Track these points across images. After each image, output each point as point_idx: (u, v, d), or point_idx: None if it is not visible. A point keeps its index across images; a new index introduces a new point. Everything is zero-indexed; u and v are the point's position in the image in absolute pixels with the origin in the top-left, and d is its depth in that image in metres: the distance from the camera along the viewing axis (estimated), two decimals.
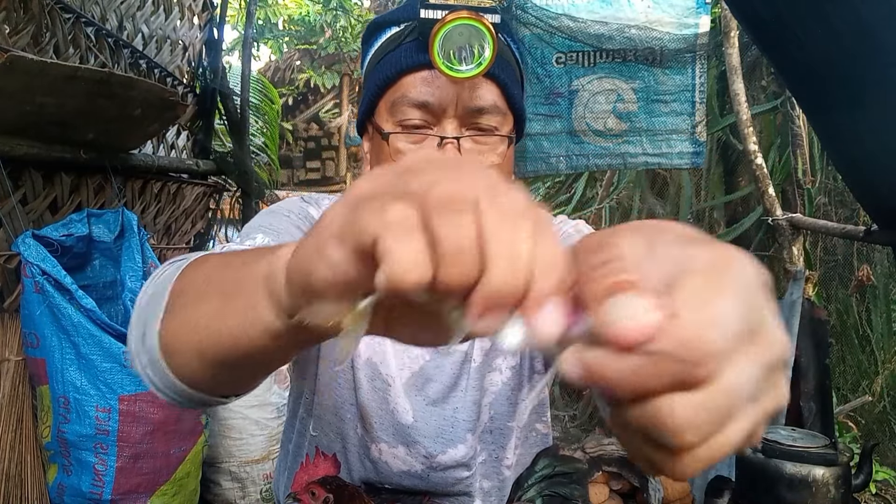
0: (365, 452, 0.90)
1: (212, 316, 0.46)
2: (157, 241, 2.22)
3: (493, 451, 0.93)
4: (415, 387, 0.89)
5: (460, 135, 0.79)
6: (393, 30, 0.83)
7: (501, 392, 0.92)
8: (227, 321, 0.44)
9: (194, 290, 0.50)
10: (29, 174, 1.63)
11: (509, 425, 0.93)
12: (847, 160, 1.51)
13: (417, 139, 0.79)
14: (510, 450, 0.94)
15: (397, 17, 0.83)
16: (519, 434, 0.95)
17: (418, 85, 0.78)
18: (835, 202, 3.13)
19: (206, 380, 0.51)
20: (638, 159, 2.65)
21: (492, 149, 0.81)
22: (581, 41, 2.52)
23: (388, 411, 0.88)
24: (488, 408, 0.92)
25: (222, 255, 0.52)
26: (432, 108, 0.78)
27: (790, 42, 1.24)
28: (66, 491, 1.61)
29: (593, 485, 1.94)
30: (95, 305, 1.56)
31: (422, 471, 0.89)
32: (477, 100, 0.78)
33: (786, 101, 2.67)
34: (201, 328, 0.47)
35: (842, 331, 3.17)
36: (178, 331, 0.49)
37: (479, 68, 0.74)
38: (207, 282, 0.50)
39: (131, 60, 2.10)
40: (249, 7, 3.04)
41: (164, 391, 0.54)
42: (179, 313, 0.50)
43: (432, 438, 0.89)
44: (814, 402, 2.34)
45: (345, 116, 9.10)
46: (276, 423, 2.26)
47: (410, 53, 0.78)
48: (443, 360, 0.90)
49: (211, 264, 0.52)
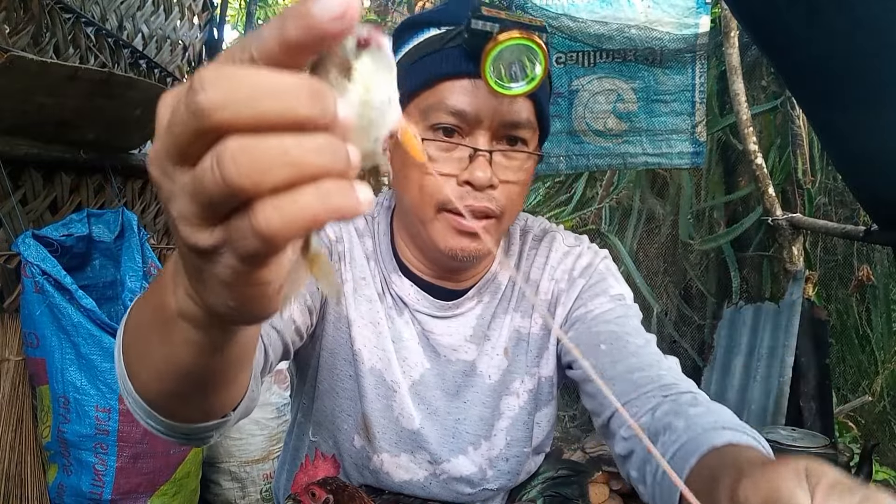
0: (365, 463, 0.89)
1: (153, 354, 0.47)
2: (157, 241, 2.22)
3: (509, 479, 0.92)
4: (417, 395, 0.88)
5: (492, 148, 0.78)
6: (432, 31, 0.81)
7: (518, 417, 0.91)
8: (164, 353, 0.45)
9: (129, 332, 0.52)
10: (29, 174, 1.63)
11: (525, 451, 0.92)
12: (847, 160, 1.51)
13: (449, 147, 0.78)
14: (523, 474, 0.94)
15: (438, 19, 0.81)
16: (533, 456, 0.95)
17: (457, 93, 0.77)
18: (835, 202, 3.12)
19: (184, 410, 0.53)
20: (638, 159, 2.66)
21: (520, 165, 0.81)
22: (581, 41, 2.52)
23: (392, 419, 0.87)
24: (504, 433, 0.90)
25: (142, 296, 0.53)
26: (468, 117, 0.77)
27: (790, 42, 1.24)
28: (66, 491, 1.61)
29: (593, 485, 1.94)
30: (95, 305, 1.56)
31: (424, 479, 0.89)
32: (514, 114, 0.78)
33: (786, 101, 2.67)
34: (147, 364, 0.49)
35: (842, 331, 3.16)
36: (140, 377, 0.51)
37: (530, 86, 0.73)
38: (137, 323, 0.51)
39: (131, 60, 2.10)
40: (249, 7, 3.05)
41: (164, 432, 0.56)
42: (133, 361, 0.52)
43: (437, 444, 0.89)
44: (814, 402, 2.34)
45: None
46: (276, 423, 2.26)
47: (454, 60, 0.77)
48: (443, 368, 0.89)
49: (135, 309, 0.52)
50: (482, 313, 0.90)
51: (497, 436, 0.90)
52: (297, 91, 0.24)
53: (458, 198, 0.77)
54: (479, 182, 0.76)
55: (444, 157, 0.78)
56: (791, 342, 2.34)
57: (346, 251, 0.88)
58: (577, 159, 2.67)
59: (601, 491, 2.06)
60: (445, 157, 0.78)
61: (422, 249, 0.87)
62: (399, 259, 0.89)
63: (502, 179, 0.79)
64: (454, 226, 0.78)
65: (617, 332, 0.80)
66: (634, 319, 0.84)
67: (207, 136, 0.25)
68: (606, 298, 0.86)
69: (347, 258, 0.88)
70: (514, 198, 0.81)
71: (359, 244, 0.89)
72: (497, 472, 0.91)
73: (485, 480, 0.90)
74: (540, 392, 0.92)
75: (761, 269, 3.20)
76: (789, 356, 2.33)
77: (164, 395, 0.50)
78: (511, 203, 0.80)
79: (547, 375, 0.92)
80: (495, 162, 0.79)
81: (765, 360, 2.44)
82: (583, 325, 0.84)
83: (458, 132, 0.79)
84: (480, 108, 0.76)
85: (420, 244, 0.86)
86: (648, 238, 3.64)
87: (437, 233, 0.79)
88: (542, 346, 0.91)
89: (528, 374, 0.91)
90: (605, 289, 0.87)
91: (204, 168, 0.25)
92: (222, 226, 0.27)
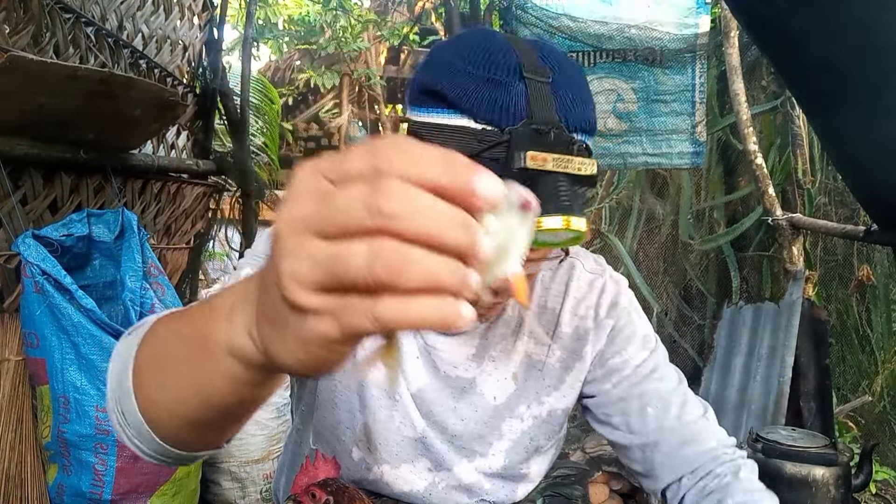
0: (364, 475, 0.89)
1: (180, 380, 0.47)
2: (157, 241, 2.22)
3: (507, 496, 0.92)
4: (418, 403, 0.88)
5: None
6: (464, 121, 0.64)
7: (520, 441, 0.90)
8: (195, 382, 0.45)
9: (149, 355, 0.51)
10: (29, 174, 1.63)
11: (523, 472, 0.92)
12: (847, 160, 1.50)
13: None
14: (522, 486, 0.94)
15: (473, 110, 0.64)
16: (534, 479, 0.95)
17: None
18: (835, 202, 3.12)
19: (191, 438, 0.53)
20: (638, 159, 2.66)
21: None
22: (581, 41, 2.52)
23: (393, 429, 0.87)
24: (504, 455, 0.90)
25: (172, 320, 0.53)
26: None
27: (790, 42, 1.24)
28: (66, 491, 1.61)
29: (593, 485, 1.94)
30: (95, 305, 1.56)
31: (424, 489, 0.89)
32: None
33: (786, 101, 2.67)
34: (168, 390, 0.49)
35: (842, 331, 3.16)
36: (154, 400, 0.51)
37: (569, 240, 0.65)
38: (163, 349, 0.51)
39: (131, 60, 2.10)
40: (249, 7, 3.04)
41: (155, 457, 0.55)
42: (148, 384, 0.51)
43: (437, 452, 0.89)
44: (814, 402, 2.34)
45: (345, 116, 9.10)
46: (276, 423, 2.26)
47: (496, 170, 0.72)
48: (443, 383, 0.88)
49: (164, 331, 0.52)
50: (486, 333, 0.88)
51: (495, 455, 0.90)
52: (457, 222, 0.29)
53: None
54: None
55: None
56: (791, 342, 2.34)
57: None
58: None
59: (601, 491, 2.06)
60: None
61: None
62: None
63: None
64: None
65: (660, 391, 0.87)
66: (671, 371, 0.91)
67: (370, 231, 0.29)
68: (639, 345, 0.90)
69: None
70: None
71: None
72: (494, 487, 0.91)
73: (483, 492, 0.90)
74: (550, 421, 0.91)
75: (761, 269, 3.20)
76: (789, 356, 2.33)
77: (178, 421, 0.50)
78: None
79: (562, 408, 0.91)
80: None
81: (765, 360, 2.44)
82: (619, 376, 0.88)
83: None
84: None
85: None
86: (648, 238, 3.64)
87: None
88: (560, 379, 0.90)
89: (536, 402, 0.90)
90: (634, 331, 0.90)
91: (352, 252, 0.29)
92: (335, 296, 0.31)
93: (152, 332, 0.53)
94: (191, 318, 0.48)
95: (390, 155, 0.30)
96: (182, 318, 0.50)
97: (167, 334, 0.51)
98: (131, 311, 1.71)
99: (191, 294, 2.58)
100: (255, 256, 0.82)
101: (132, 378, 0.51)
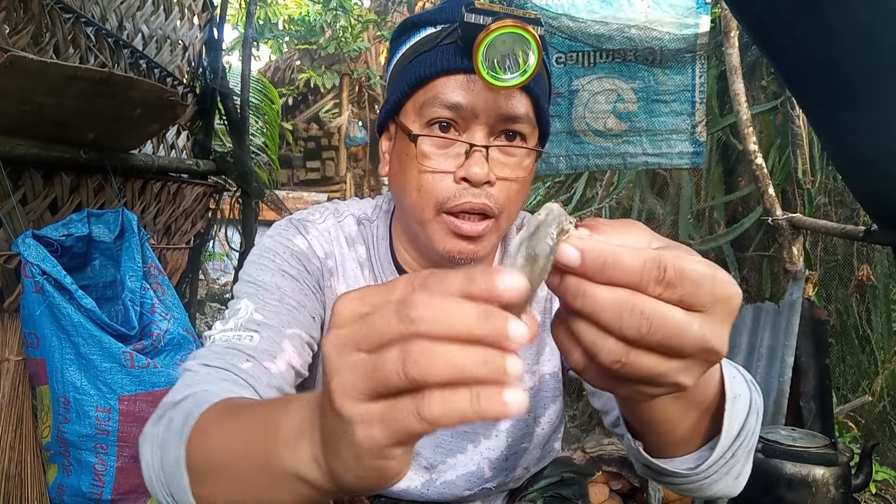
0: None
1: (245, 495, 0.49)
2: (157, 241, 2.22)
3: (507, 475, 0.93)
4: None
5: (489, 143, 0.77)
6: (428, 30, 0.80)
7: (519, 416, 0.90)
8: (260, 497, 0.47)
9: (214, 471, 0.52)
10: (29, 174, 1.63)
11: (524, 447, 0.92)
12: (847, 160, 1.50)
13: (446, 143, 0.77)
14: (520, 468, 0.94)
15: (434, 18, 0.81)
16: (535, 453, 0.94)
17: (452, 87, 0.76)
18: (835, 202, 3.13)
19: None
20: (638, 159, 2.66)
21: (518, 162, 0.80)
22: (581, 41, 2.52)
23: None
24: (505, 434, 0.91)
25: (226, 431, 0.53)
26: (464, 111, 0.76)
27: (790, 42, 1.24)
28: (65, 491, 1.61)
29: (593, 485, 1.94)
30: (95, 305, 1.56)
31: (421, 485, 0.89)
32: (510, 108, 0.77)
33: (786, 101, 2.67)
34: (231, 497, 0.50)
35: (842, 331, 3.16)
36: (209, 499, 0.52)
37: (523, 77, 0.71)
38: (222, 458, 0.51)
39: (131, 60, 2.10)
40: (249, 7, 3.04)
41: None
42: (211, 495, 0.52)
43: (431, 449, 0.89)
44: (814, 402, 2.34)
45: (345, 116, 9.10)
46: None
47: (448, 56, 0.76)
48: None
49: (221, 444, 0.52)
50: None
51: (498, 436, 0.90)
52: (481, 315, 0.32)
53: (456, 195, 0.76)
54: (476, 178, 0.75)
55: (441, 154, 0.77)
56: (791, 342, 2.34)
57: (337, 265, 0.87)
58: (577, 159, 2.67)
59: (601, 491, 2.06)
60: (442, 153, 0.77)
61: (420, 252, 0.87)
62: (398, 263, 0.89)
63: (500, 176, 0.78)
64: (452, 228, 0.77)
65: None
66: None
67: (403, 337, 0.32)
68: None
69: (340, 271, 0.87)
70: (513, 196, 0.80)
71: (350, 254, 0.89)
72: (496, 471, 0.91)
73: (484, 479, 0.90)
74: (543, 389, 0.92)
75: (761, 269, 3.20)
76: (789, 356, 2.33)
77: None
78: (509, 201, 0.79)
79: (551, 372, 0.92)
80: (493, 158, 0.77)
81: (765, 360, 2.44)
82: None
83: (454, 127, 0.78)
84: (476, 102, 0.75)
85: (419, 246, 0.86)
86: None
87: (435, 234, 0.79)
88: (542, 341, 0.91)
89: (528, 373, 0.90)
90: None
91: (388, 358, 0.32)
92: (382, 402, 0.33)
93: (205, 437, 0.53)
94: (247, 434, 0.49)
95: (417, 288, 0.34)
96: (239, 431, 0.50)
97: (225, 448, 0.51)
98: (131, 311, 1.71)
99: (190, 294, 2.58)
100: (252, 284, 0.80)
101: (188, 478, 0.52)
